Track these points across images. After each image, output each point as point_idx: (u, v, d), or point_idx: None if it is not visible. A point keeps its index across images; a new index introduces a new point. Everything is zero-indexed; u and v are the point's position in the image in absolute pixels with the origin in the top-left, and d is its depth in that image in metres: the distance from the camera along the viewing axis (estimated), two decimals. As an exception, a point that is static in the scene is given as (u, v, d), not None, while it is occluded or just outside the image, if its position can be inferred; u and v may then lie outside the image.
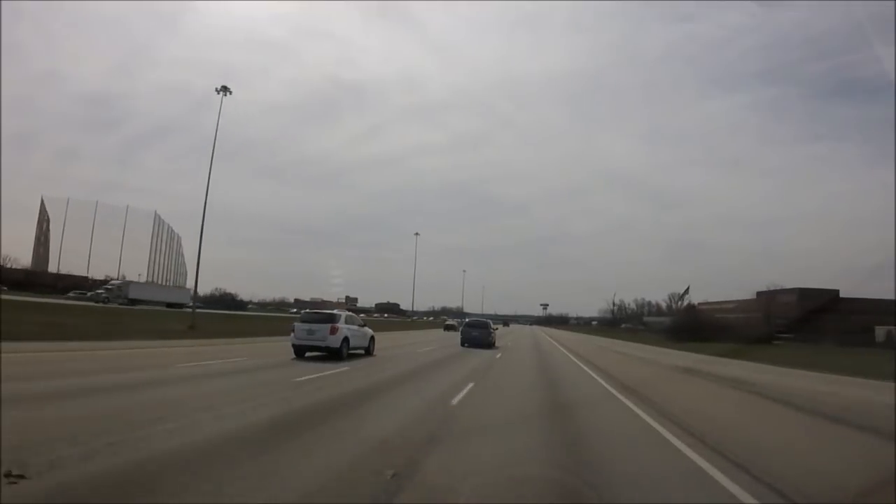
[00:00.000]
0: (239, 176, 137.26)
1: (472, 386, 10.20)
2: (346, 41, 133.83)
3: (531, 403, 9.01)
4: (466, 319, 35.83)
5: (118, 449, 4.30)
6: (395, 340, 26.36)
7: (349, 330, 15.21)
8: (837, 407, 9.76)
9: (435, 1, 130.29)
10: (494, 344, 25.85)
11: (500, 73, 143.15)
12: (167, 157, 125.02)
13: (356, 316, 17.56)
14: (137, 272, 71.65)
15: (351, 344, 15.15)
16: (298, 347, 14.66)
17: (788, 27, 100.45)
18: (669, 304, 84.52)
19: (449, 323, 54.46)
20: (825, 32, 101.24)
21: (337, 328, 14.57)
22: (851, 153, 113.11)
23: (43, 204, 75.88)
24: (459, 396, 8.72)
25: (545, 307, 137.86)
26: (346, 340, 14.76)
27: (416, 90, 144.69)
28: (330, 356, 14.32)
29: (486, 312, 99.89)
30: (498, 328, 36.19)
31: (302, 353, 14.63)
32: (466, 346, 24.36)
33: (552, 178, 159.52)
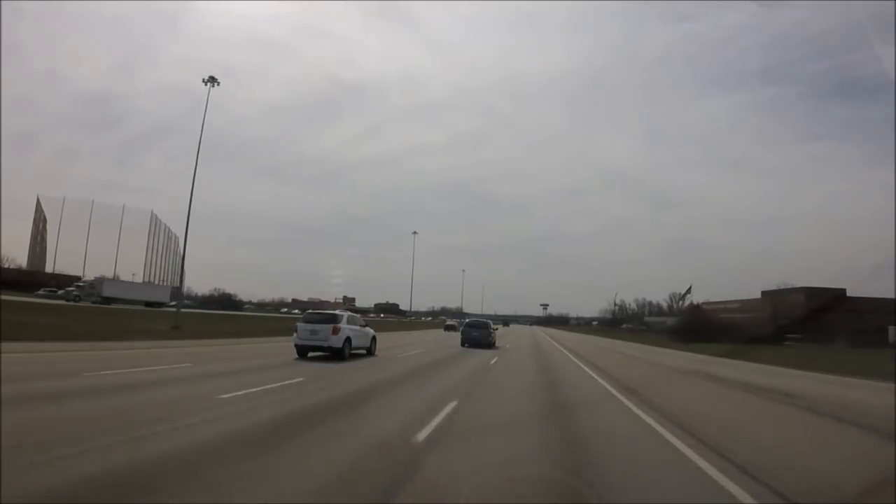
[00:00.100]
0: (239, 176, 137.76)
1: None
2: (346, 41, 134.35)
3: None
4: (466, 320, 36.06)
5: None
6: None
7: (351, 330, 15.32)
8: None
9: (435, 1, 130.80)
10: (494, 344, 25.85)
11: (499, 72, 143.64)
12: (167, 157, 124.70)
13: (358, 316, 17.63)
14: (132, 272, 71.23)
15: (353, 344, 15.26)
16: (301, 347, 14.75)
17: (788, 26, 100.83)
18: (670, 304, 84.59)
19: (449, 323, 54.46)
20: (825, 32, 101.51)
21: (339, 328, 14.67)
22: (851, 153, 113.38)
23: (39, 203, 75.39)
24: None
25: (545, 307, 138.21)
26: (348, 340, 14.85)
27: (415, 90, 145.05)
28: (332, 356, 14.47)
29: (485, 312, 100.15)
30: (498, 328, 36.20)
31: (305, 353, 14.74)
32: (467, 346, 24.34)
33: (552, 177, 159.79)
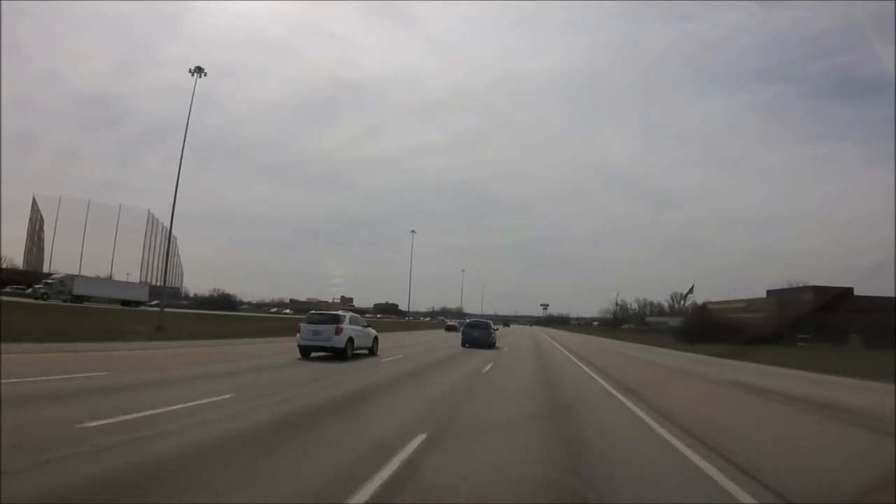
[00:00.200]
0: (239, 176, 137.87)
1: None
2: (346, 41, 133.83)
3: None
4: (467, 320, 36.25)
5: None
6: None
7: (354, 331, 15.44)
8: None
9: (435, 1, 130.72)
10: (495, 344, 25.95)
11: (499, 72, 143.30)
12: (167, 157, 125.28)
13: (360, 317, 17.74)
14: (126, 272, 70.77)
15: (355, 344, 15.40)
16: (304, 348, 14.87)
17: (788, 26, 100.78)
18: (672, 304, 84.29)
19: (450, 324, 54.53)
20: (825, 32, 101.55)
21: (342, 329, 14.79)
22: (851, 153, 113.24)
23: (35, 203, 75.16)
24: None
25: (545, 307, 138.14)
26: (350, 341, 14.97)
27: (415, 90, 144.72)
28: (335, 356, 14.64)
29: (485, 313, 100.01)
30: (498, 328, 36.40)
31: (307, 353, 14.86)
32: (467, 346, 24.42)
33: (552, 177, 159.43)
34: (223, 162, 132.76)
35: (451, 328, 50.06)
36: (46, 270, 67.98)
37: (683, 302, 79.68)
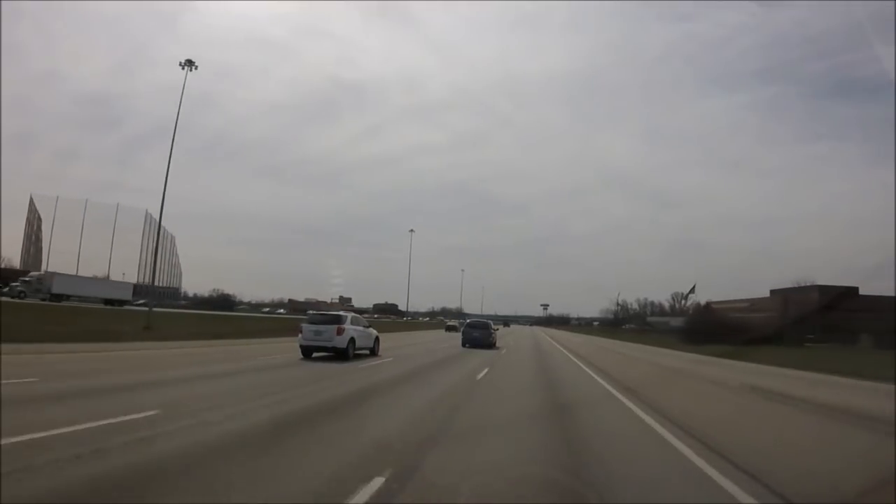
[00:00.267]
0: (239, 176, 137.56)
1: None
2: (346, 41, 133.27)
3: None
4: (467, 320, 36.22)
5: None
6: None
7: (355, 331, 15.44)
8: None
9: (435, 1, 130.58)
10: (495, 345, 25.90)
11: (499, 72, 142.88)
12: (166, 157, 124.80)
13: (361, 317, 17.79)
14: (122, 271, 69.77)
15: (357, 344, 15.40)
16: (306, 348, 14.88)
17: (788, 26, 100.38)
18: (673, 303, 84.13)
19: (450, 324, 54.54)
20: (825, 32, 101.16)
21: (343, 329, 14.80)
22: (852, 153, 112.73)
23: (32, 202, 74.42)
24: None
25: (545, 307, 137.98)
26: (352, 341, 14.98)
27: (415, 90, 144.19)
28: (337, 356, 14.63)
29: (485, 313, 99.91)
30: (498, 329, 36.37)
31: (309, 353, 14.88)
32: (467, 346, 24.34)
33: (552, 177, 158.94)
34: (223, 162, 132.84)
35: (451, 328, 50.07)
36: (44, 270, 67.71)
37: (684, 302, 79.55)
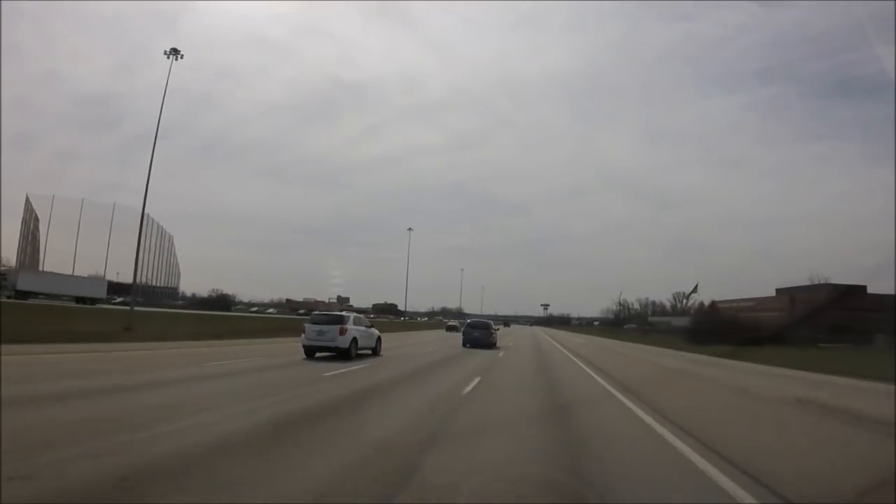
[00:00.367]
0: (239, 176, 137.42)
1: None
2: (346, 41, 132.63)
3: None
4: (468, 320, 36.24)
5: None
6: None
7: (357, 331, 15.50)
8: None
9: (434, 1, 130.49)
10: (496, 345, 25.85)
11: (499, 72, 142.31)
12: (166, 157, 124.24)
13: (363, 317, 17.87)
14: (116, 271, 68.32)
15: (359, 344, 15.46)
16: (309, 348, 14.94)
17: (788, 26, 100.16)
18: (674, 303, 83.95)
19: (451, 324, 54.53)
20: (825, 31, 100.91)
21: (346, 329, 14.86)
22: (852, 152, 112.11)
23: (28, 202, 73.45)
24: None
25: (546, 307, 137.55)
26: (354, 341, 15.04)
27: (415, 90, 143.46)
28: (339, 356, 14.69)
29: (485, 313, 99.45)
30: (499, 328, 36.47)
31: (312, 353, 14.92)
32: (468, 346, 24.29)
33: (552, 177, 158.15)
34: (223, 162, 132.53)
35: (451, 328, 50.09)
36: (41, 270, 67.46)
37: (686, 301, 79.50)
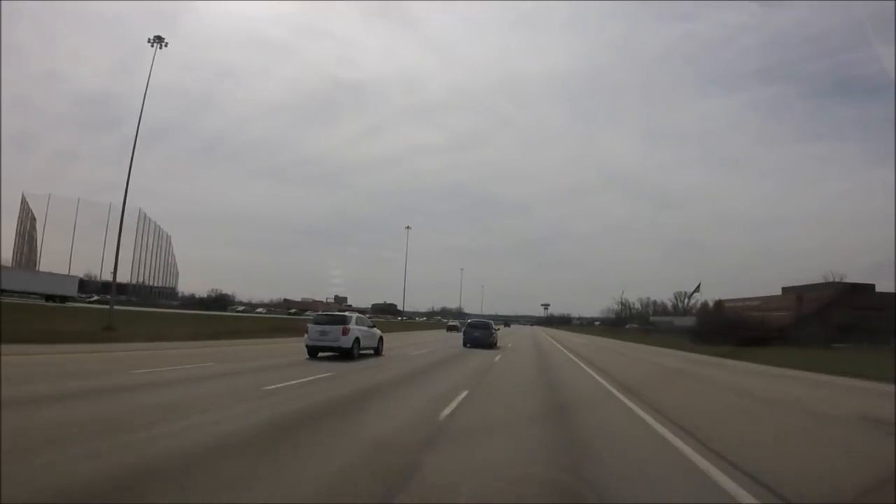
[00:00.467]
0: (239, 176, 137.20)
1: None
2: (346, 41, 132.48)
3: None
4: (468, 320, 36.22)
5: None
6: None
7: (360, 331, 15.48)
8: None
9: (434, 1, 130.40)
10: (496, 344, 25.81)
11: (499, 72, 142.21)
12: (166, 157, 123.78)
13: (365, 317, 17.88)
14: (109, 270, 69.57)
15: (361, 344, 15.43)
16: (312, 348, 14.92)
17: (788, 26, 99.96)
18: (676, 303, 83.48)
19: (451, 324, 54.46)
20: (825, 31, 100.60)
21: (348, 329, 14.85)
22: (852, 152, 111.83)
23: (25, 201, 73.15)
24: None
25: (546, 307, 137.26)
26: (356, 341, 15.01)
27: (415, 90, 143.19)
28: (342, 356, 14.68)
29: (485, 313, 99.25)
30: (500, 328, 36.31)
31: (315, 353, 14.90)
32: (469, 346, 24.27)
33: (552, 177, 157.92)
34: (223, 162, 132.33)
35: (452, 328, 50.04)
36: (38, 269, 66.93)
37: (688, 301, 79.21)
